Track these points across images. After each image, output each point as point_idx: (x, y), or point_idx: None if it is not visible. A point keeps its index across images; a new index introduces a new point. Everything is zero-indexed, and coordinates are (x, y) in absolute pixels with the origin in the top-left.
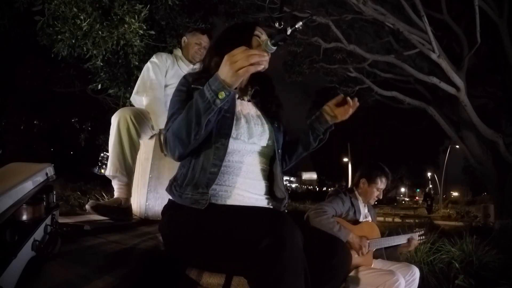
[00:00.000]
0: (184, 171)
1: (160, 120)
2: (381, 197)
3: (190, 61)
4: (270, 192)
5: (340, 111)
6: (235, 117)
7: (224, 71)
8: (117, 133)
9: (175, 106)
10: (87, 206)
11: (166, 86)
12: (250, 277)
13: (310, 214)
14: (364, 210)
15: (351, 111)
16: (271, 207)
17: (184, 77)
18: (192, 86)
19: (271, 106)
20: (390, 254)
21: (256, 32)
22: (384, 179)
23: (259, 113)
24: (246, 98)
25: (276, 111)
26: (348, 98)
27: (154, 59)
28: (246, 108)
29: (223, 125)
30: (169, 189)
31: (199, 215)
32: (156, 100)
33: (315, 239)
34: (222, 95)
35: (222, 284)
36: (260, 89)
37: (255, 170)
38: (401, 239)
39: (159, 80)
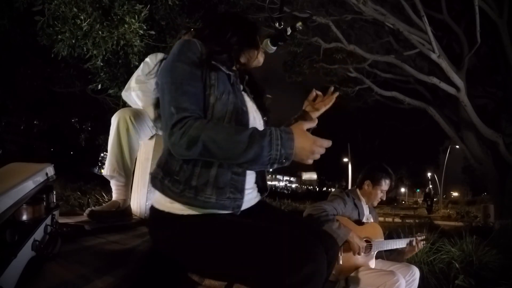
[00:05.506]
0: (190, 167)
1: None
2: (384, 199)
3: None
4: (256, 181)
5: (319, 104)
6: (248, 111)
7: (302, 148)
8: (116, 133)
9: (185, 76)
10: (84, 214)
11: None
12: None
13: (309, 211)
14: (366, 211)
15: (330, 102)
16: (261, 199)
17: (194, 44)
18: (212, 62)
19: (260, 95)
20: (395, 259)
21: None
22: (388, 181)
23: (255, 105)
24: (241, 87)
25: (264, 101)
26: (320, 93)
27: (147, 59)
28: (246, 99)
29: (242, 120)
30: (160, 185)
31: (220, 231)
32: (147, 92)
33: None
34: (284, 162)
35: (224, 285)
36: (248, 78)
37: None
38: (403, 243)
39: (146, 77)
